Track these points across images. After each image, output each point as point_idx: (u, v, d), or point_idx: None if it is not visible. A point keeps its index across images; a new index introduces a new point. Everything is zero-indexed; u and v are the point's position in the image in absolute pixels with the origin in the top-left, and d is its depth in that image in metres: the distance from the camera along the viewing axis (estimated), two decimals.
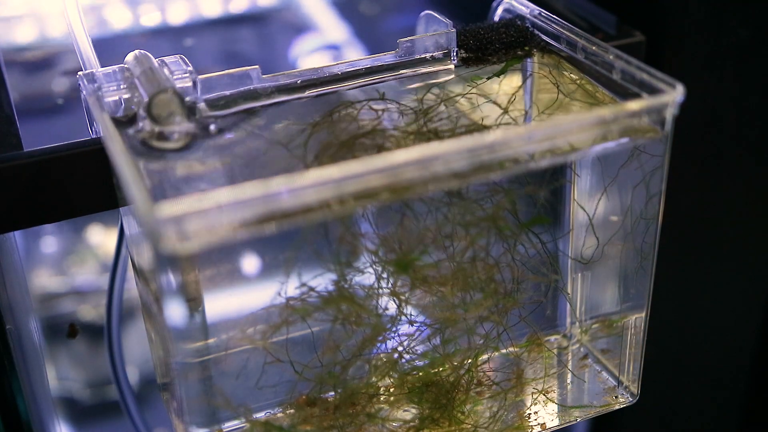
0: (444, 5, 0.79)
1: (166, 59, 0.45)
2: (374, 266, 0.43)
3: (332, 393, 0.46)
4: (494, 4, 0.52)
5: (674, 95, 0.41)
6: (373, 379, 0.46)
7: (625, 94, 0.44)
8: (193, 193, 0.39)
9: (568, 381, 0.52)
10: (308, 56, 0.80)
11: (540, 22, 0.49)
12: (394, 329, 0.45)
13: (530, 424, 0.49)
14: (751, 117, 0.62)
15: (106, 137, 0.40)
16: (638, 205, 0.46)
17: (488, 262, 0.45)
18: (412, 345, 0.46)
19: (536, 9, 0.50)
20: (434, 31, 0.49)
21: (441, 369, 0.47)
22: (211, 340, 0.43)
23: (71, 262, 0.91)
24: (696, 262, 0.67)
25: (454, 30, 0.48)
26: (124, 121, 0.43)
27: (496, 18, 0.51)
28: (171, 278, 0.37)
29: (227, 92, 0.45)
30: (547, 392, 0.50)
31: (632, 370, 0.50)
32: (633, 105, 0.41)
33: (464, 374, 0.48)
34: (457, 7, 0.76)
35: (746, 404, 0.76)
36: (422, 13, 0.50)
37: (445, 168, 0.38)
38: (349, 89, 0.47)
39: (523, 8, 0.50)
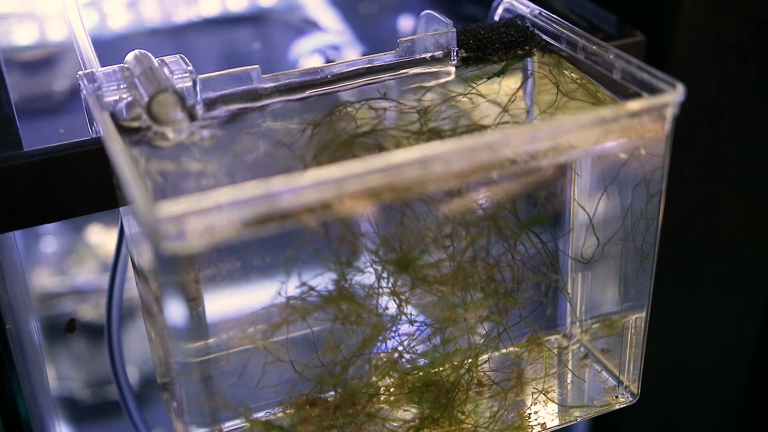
0: (444, 5, 0.79)
1: (166, 59, 0.45)
2: (374, 266, 0.43)
3: (332, 393, 0.46)
4: (494, 3, 0.52)
5: (674, 95, 0.41)
6: (373, 378, 0.46)
7: (626, 94, 0.44)
8: (193, 193, 0.39)
9: (569, 381, 0.52)
10: (308, 56, 0.80)
11: (540, 22, 0.49)
12: (394, 329, 0.45)
13: (530, 423, 0.49)
14: (751, 117, 0.62)
15: (106, 137, 0.40)
16: (638, 205, 0.46)
17: (488, 262, 0.45)
18: (412, 345, 0.46)
19: (536, 8, 0.50)
20: (434, 30, 0.49)
21: (441, 369, 0.47)
22: (211, 340, 0.43)
23: (71, 262, 0.91)
24: (696, 262, 0.67)
25: (454, 30, 0.48)
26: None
27: (497, 18, 0.51)
28: (171, 278, 0.37)
29: (227, 92, 0.45)
30: (547, 392, 0.50)
31: (632, 370, 0.50)
32: (633, 105, 0.41)
33: (464, 374, 0.48)
34: (457, 7, 0.76)
35: (746, 404, 0.76)
36: (422, 13, 0.50)
37: (445, 168, 0.38)
38: (349, 89, 0.47)
39: (523, 8, 0.50)
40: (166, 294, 0.38)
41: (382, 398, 0.47)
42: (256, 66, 0.46)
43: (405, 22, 0.83)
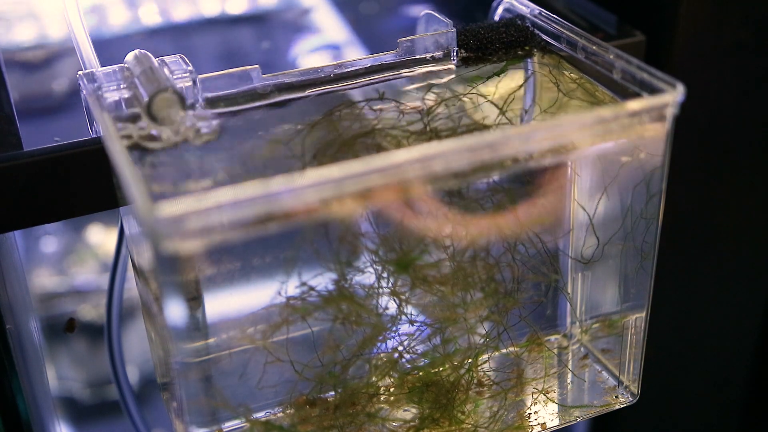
0: (444, 5, 0.79)
1: (166, 59, 0.45)
2: (374, 266, 0.43)
3: (332, 393, 0.46)
4: (494, 3, 0.52)
5: (675, 95, 0.41)
6: (373, 378, 0.46)
7: (626, 94, 0.44)
8: (192, 193, 0.39)
9: (569, 381, 0.52)
10: (308, 56, 0.80)
11: (540, 22, 0.49)
12: (394, 329, 0.45)
13: (530, 423, 0.49)
14: (751, 117, 0.62)
15: (106, 137, 0.40)
16: (638, 205, 0.46)
17: (488, 262, 0.45)
18: (412, 345, 0.46)
19: (536, 8, 0.50)
20: (434, 30, 0.49)
21: (441, 369, 0.47)
22: (211, 340, 0.43)
23: (71, 262, 0.91)
24: (696, 262, 0.67)
25: (454, 30, 0.48)
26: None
27: (497, 17, 0.51)
28: (171, 278, 0.37)
29: (227, 92, 0.45)
30: (548, 392, 0.50)
31: (632, 370, 0.50)
32: (633, 104, 0.41)
33: (464, 374, 0.48)
34: (457, 7, 0.76)
35: (746, 404, 0.76)
36: (422, 13, 0.50)
37: (445, 168, 0.38)
38: (349, 89, 0.47)
39: (523, 8, 0.50)
40: (166, 294, 0.38)
41: (382, 398, 0.47)
42: (256, 66, 0.46)
43: (405, 22, 0.84)
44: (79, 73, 0.45)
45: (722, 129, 0.62)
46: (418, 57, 0.48)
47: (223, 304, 0.42)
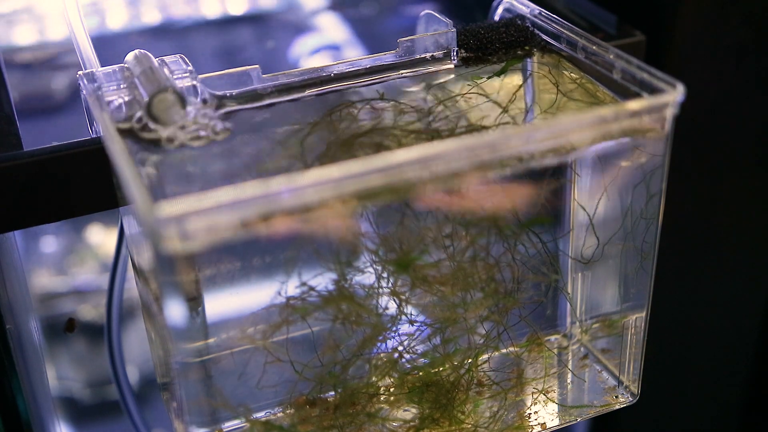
0: (444, 5, 0.79)
1: (166, 59, 0.45)
2: (374, 266, 0.43)
3: (332, 393, 0.46)
4: (494, 3, 0.52)
5: (675, 95, 0.41)
6: (373, 378, 0.46)
7: (626, 94, 0.44)
8: (193, 193, 0.39)
9: (569, 381, 0.52)
10: (308, 56, 0.80)
11: (540, 22, 0.49)
12: (394, 329, 0.45)
13: (530, 423, 0.49)
14: (751, 117, 0.62)
15: (106, 137, 0.40)
16: (638, 205, 0.46)
17: (488, 262, 0.45)
18: (412, 345, 0.46)
19: (536, 8, 0.50)
20: (434, 30, 0.49)
21: (441, 369, 0.47)
22: (211, 340, 0.43)
23: (71, 262, 0.91)
24: (696, 262, 0.67)
25: (454, 29, 0.48)
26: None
27: (497, 17, 0.51)
28: (171, 278, 0.37)
29: (227, 92, 0.45)
30: (547, 392, 0.50)
31: (632, 370, 0.50)
32: (633, 104, 0.41)
33: (464, 374, 0.48)
34: (457, 7, 0.76)
35: (746, 404, 0.76)
36: (422, 13, 0.50)
37: (445, 168, 0.38)
38: (349, 89, 0.47)
39: (523, 8, 0.50)
40: (166, 294, 0.38)
41: (382, 398, 0.47)
42: (256, 66, 0.46)
43: (405, 22, 0.84)
44: (79, 73, 0.45)
45: (722, 129, 0.62)
46: (418, 57, 0.48)
47: (223, 304, 0.42)
